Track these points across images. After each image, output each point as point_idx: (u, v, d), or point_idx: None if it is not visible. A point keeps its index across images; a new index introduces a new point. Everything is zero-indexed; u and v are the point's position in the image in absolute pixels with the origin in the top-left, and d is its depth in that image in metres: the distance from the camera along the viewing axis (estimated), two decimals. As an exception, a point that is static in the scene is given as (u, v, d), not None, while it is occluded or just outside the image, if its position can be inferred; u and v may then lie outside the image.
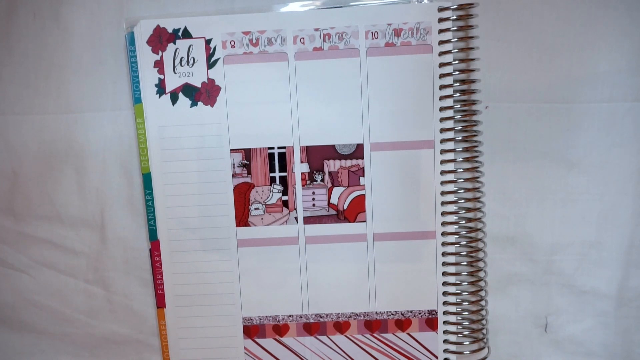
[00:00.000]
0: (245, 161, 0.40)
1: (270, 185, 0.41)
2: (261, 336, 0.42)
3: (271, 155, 0.40)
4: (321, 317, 0.42)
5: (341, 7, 0.38)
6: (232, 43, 0.39)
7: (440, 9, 0.38)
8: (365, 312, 0.41)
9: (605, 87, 0.39)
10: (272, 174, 0.41)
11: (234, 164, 0.40)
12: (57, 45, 0.41)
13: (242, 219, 0.41)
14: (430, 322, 0.41)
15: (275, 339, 0.42)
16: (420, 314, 0.41)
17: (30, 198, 0.42)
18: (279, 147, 0.40)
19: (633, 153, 0.40)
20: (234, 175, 0.41)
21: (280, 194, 0.41)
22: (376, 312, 0.41)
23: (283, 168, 0.40)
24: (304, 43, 0.39)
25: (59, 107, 0.41)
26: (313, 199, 0.41)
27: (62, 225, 0.42)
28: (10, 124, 0.42)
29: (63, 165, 0.42)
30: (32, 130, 0.41)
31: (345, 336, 0.42)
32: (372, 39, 0.38)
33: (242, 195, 0.41)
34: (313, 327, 0.42)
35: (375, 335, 0.42)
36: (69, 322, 0.44)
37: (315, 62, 0.39)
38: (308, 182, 0.40)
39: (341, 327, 0.42)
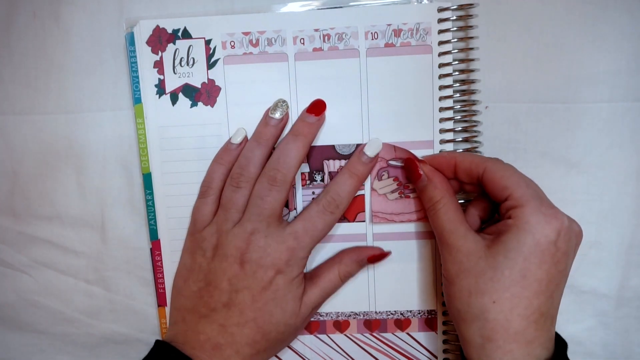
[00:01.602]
0: (245, 161, 0.40)
1: (270, 185, 0.41)
2: (261, 336, 0.42)
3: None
4: (321, 316, 0.42)
5: (341, 7, 0.38)
6: (232, 43, 0.39)
7: (440, 9, 0.38)
8: (364, 312, 0.41)
9: (605, 87, 0.39)
10: (272, 174, 0.40)
11: (233, 164, 0.40)
12: (57, 45, 0.41)
13: (242, 219, 0.41)
14: (430, 322, 0.41)
15: (275, 339, 0.42)
16: (419, 314, 0.41)
17: (30, 198, 0.42)
18: (278, 147, 0.40)
19: (633, 153, 0.40)
20: (234, 176, 0.40)
21: (280, 194, 0.41)
22: (375, 312, 0.41)
23: (283, 168, 0.40)
24: (303, 44, 0.39)
25: (59, 107, 0.41)
26: (313, 199, 0.41)
27: (62, 225, 0.42)
28: (10, 124, 0.42)
29: (63, 165, 0.42)
30: (32, 130, 0.42)
31: (345, 335, 0.42)
32: (372, 39, 0.38)
33: (242, 195, 0.41)
34: (313, 326, 0.42)
35: (374, 334, 0.42)
36: (69, 322, 0.44)
37: (315, 62, 0.39)
38: (308, 182, 0.40)
39: (341, 326, 0.42)
